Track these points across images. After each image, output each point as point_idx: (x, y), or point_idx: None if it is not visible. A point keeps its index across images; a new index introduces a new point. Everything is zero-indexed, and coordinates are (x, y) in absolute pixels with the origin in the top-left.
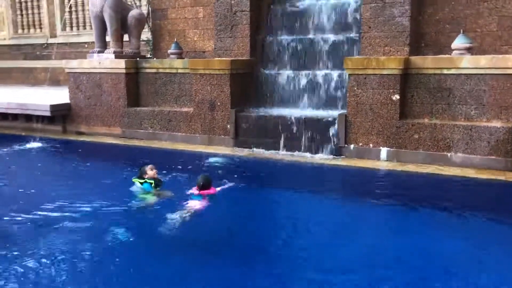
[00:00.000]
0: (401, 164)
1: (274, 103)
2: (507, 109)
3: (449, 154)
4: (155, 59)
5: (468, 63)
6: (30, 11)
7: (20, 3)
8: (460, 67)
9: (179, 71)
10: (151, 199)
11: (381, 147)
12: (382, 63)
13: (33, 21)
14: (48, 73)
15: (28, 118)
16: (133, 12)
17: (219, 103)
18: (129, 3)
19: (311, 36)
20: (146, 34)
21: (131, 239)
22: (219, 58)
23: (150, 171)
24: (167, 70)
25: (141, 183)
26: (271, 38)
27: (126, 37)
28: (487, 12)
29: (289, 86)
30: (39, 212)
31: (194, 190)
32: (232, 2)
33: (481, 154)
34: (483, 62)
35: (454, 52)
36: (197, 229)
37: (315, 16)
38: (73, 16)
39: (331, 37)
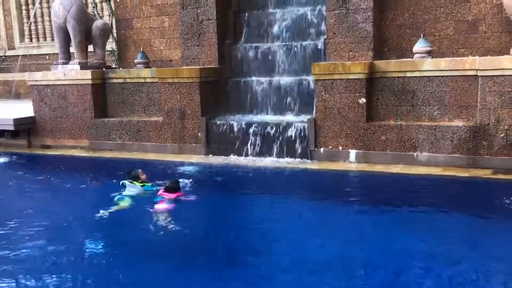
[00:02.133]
0: (370, 165)
1: (244, 110)
2: (467, 109)
3: (415, 154)
4: (121, 69)
5: (430, 66)
6: None
7: None
8: (422, 69)
9: (147, 80)
10: (122, 206)
11: (350, 150)
12: (348, 68)
13: None
14: (8, 86)
15: None
16: (97, 23)
17: (189, 112)
18: (93, 14)
19: (277, 43)
20: (110, 45)
21: (101, 249)
22: (188, 67)
23: (143, 176)
24: (135, 80)
25: (142, 186)
26: (238, 46)
27: (90, 48)
28: (444, 17)
29: (258, 93)
30: None
31: (162, 193)
32: (198, 11)
33: (445, 153)
34: (443, 65)
35: (415, 55)
36: (164, 235)
37: (280, 23)
38: (32, 27)
39: (298, 44)
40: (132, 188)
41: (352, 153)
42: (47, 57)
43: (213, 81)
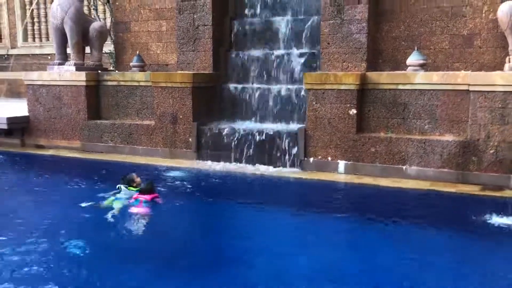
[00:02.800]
0: (358, 177)
1: (237, 117)
2: (458, 124)
3: (404, 167)
4: (116, 71)
5: (422, 79)
6: None
7: None
8: (414, 82)
9: (141, 83)
10: (115, 207)
11: (339, 160)
12: (339, 79)
13: None
14: (10, 85)
15: None
16: (95, 24)
17: (181, 116)
18: (92, 16)
19: (272, 50)
20: (109, 47)
21: (82, 252)
22: (181, 72)
23: (137, 179)
24: (129, 83)
25: (136, 190)
26: (233, 52)
27: (88, 50)
28: (440, 31)
29: (251, 100)
30: None
31: (138, 196)
32: (195, 16)
33: (434, 167)
34: (435, 78)
35: (409, 68)
36: (144, 238)
37: (277, 30)
38: (36, 27)
39: (293, 52)
40: (125, 193)
41: (341, 164)
42: (49, 57)
43: (207, 87)
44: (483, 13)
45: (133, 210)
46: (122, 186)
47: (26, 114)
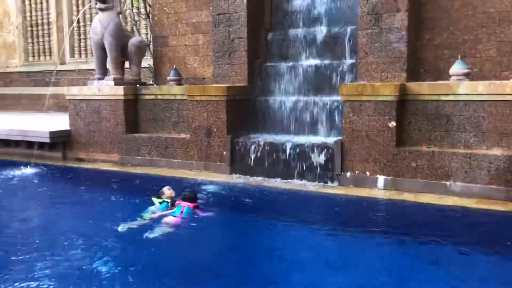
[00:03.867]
0: (398, 193)
1: (271, 130)
2: (507, 136)
3: (448, 183)
4: (154, 85)
5: (466, 89)
6: (40, 39)
7: (32, 31)
8: (458, 93)
9: (177, 97)
10: (147, 219)
11: (378, 175)
12: (377, 90)
13: (43, 48)
14: (58, 99)
15: (30, 144)
16: (133, 40)
17: (215, 130)
18: (134, 31)
19: (308, 62)
20: (149, 61)
21: (109, 265)
22: (215, 85)
23: (168, 191)
24: (166, 97)
25: (160, 203)
26: (269, 65)
27: (127, 64)
28: (486, 38)
29: (286, 113)
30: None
31: (181, 202)
32: (230, 29)
33: (481, 183)
34: (481, 88)
35: (452, 78)
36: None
37: (312, 42)
38: (82, 43)
39: (332, 63)
40: (154, 206)
41: (380, 179)
42: (94, 72)
43: (242, 100)
44: None
45: (166, 220)
46: (154, 199)
47: (68, 128)
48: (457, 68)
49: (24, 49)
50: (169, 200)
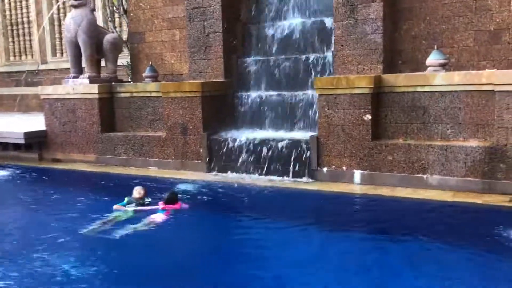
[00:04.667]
0: (375, 188)
1: (249, 126)
2: (484, 128)
3: (425, 176)
4: (129, 83)
5: (442, 80)
6: (21, 38)
7: (12, 30)
8: (434, 84)
9: (153, 94)
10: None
11: (354, 170)
12: (352, 82)
13: (25, 48)
14: (35, 100)
15: (6, 146)
16: (108, 37)
17: (191, 127)
18: (110, 28)
19: (285, 56)
20: (127, 58)
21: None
22: (190, 81)
23: (134, 191)
24: (141, 94)
25: (122, 204)
26: (246, 59)
27: (104, 62)
28: (463, 27)
29: (263, 108)
30: None
31: (160, 205)
32: (205, 23)
33: (457, 176)
34: (457, 79)
35: (428, 68)
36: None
37: (290, 36)
38: (63, 42)
39: (309, 57)
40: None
41: (357, 173)
42: None
43: (218, 96)
44: (511, 5)
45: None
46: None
47: (44, 128)
48: (433, 58)
49: (5, 49)
50: (135, 201)
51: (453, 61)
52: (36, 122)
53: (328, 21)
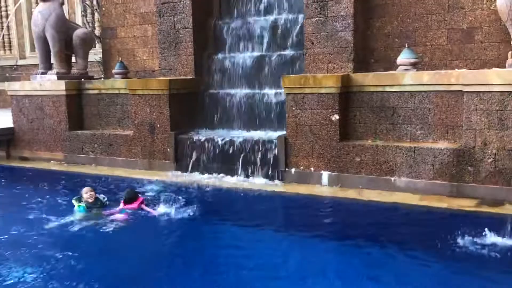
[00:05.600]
0: (343, 190)
1: (220, 125)
2: (453, 129)
3: (392, 179)
4: (98, 79)
5: (411, 80)
6: None
7: None
8: (403, 83)
9: (121, 91)
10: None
11: (322, 171)
12: (319, 81)
13: (3, 42)
14: None
15: None
16: (78, 32)
17: (158, 125)
18: (85, 23)
19: (258, 53)
20: (100, 54)
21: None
22: (157, 78)
23: (85, 195)
24: (110, 91)
25: (78, 206)
26: (217, 56)
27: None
28: (436, 25)
29: (234, 106)
30: None
31: (124, 206)
32: (175, 19)
33: (425, 178)
34: (426, 78)
35: (399, 67)
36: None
37: (262, 32)
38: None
39: (281, 54)
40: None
41: (325, 175)
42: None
43: (187, 93)
44: (484, 3)
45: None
46: (74, 201)
47: (12, 125)
48: (404, 57)
49: None
50: (84, 205)
51: (426, 60)
52: (9, 119)
53: (301, 18)
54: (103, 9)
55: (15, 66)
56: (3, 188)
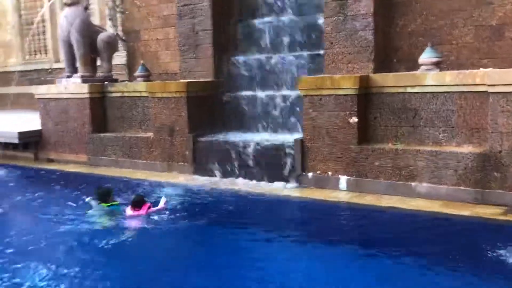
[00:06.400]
0: (361, 196)
1: (239, 128)
2: (478, 132)
3: (413, 184)
4: (121, 82)
5: (433, 80)
6: (36, 37)
7: (28, 29)
8: (424, 84)
9: (143, 94)
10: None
11: (340, 176)
12: (337, 83)
13: (39, 46)
14: None
15: (6, 145)
16: (102, 35)
17: (177, 128)
18: (110, 26)
19: (279, 54)
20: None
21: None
22: (176, 81)
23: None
24: (132, 94)
25: (109, 206)
26: (236, 58)
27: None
28: (462, 22)
29: (254, 109)
30: None
31: (131, 210)
32: (195, 21)
33: (448, 184)
34: (449, 79)
35: (421, 67)
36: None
37: (283, 34)
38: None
39: (302, 55)
40: (96, 209)
41: (343, 179)
42: None
43: (206, 96)
44: None
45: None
46: (93, 202)
47: (39, 128)
48: (426, 57)
49: (21, 48)
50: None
51: (452, 59)
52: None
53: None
54: (127, 12)
55: (49, 70)
56: (33, 189)
